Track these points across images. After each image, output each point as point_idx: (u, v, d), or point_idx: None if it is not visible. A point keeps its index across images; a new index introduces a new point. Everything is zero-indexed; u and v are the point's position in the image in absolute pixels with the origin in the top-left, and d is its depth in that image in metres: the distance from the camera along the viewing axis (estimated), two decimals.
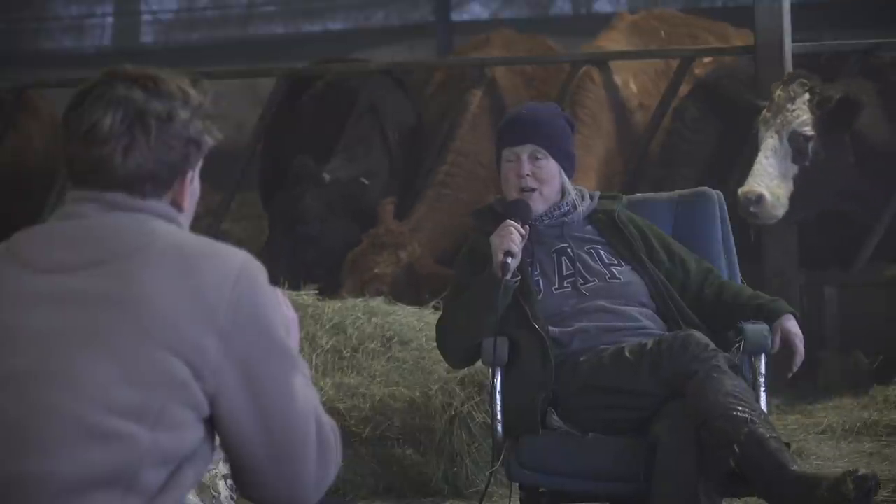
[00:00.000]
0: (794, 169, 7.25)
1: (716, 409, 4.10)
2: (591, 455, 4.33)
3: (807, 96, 7.27)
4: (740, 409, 4.08)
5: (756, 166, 7.20)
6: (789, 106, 7.26)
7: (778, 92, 7.30)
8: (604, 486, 4.37)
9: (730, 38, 8.85)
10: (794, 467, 4.05)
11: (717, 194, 4.94)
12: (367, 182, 8.43)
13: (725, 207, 4.93)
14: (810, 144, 7.25)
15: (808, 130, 7.24)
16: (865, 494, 3.95)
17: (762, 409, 4.24)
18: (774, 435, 4.09)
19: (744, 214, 7.10)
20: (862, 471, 3.99)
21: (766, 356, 4.46)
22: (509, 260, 4.42)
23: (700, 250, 4.78)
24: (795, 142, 7.23)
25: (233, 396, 2.46)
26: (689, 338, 4.28)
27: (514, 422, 4.43)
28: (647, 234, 4.69)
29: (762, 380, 4.44)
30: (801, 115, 7.24)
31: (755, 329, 4.45)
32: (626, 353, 4.33)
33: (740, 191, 7.11)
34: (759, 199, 7.11)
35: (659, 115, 8.21)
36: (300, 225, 8.27)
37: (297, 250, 8.11)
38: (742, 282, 4.82)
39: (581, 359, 4.41)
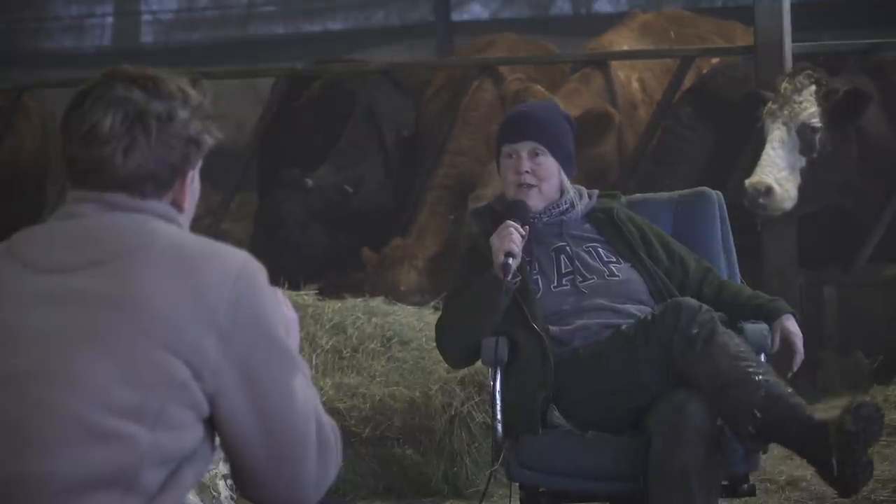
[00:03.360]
0: (801, 161, 7.23)
1: (728, 376, 4.12)
2: (591, 455, 4.33)
3: (813, 88, 7.26)
4: (750, 370, 4.11)
5: (764, 158, 7.18)
6: (796, 98, 7.24)
7: (784, 84, 7.28)
8: (604, 485, 4.37)
9: (737, 38, 8.85)
10: (817, 416, 4.09)
11: (716, 194, 4.94)
12: (350, 189, 8.44)
13: (725, 207, 4.93)
14: (818, 136, 7.24)
15: (817, 122, 7.23)
16: (867, 424, 3.99)
17: (767, 366, 4.23)
18: (788, 391, 4.11)
19: (752, 206, 7.09)
20: (858, 402, 4.03)
21: (766, 356, 4.46)
22: (510, 261, 4.41)
23: (700, 250, 4.79)
24: (804, 134, 7.22)
25: (233, 397, 2.46)
26: (679, 302, 4.32)
27: (514, 421, 4.43)
28: (646, 232, 4.70)
29: None
30: (809, 107, 7.23)
31: (755, 329, 4.46)
32: (623, 328, 4.35)
33: (748, 182, 7.10)
34: (769, 190, 7.09)
35: (659, 114, 8.22)
36: (280, 230, 8.28)
37: (277, 255, 8.10)
38: (742, 281, 4.82)
39: (581, 350, 4.42)
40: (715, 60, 8.64)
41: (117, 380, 2.40)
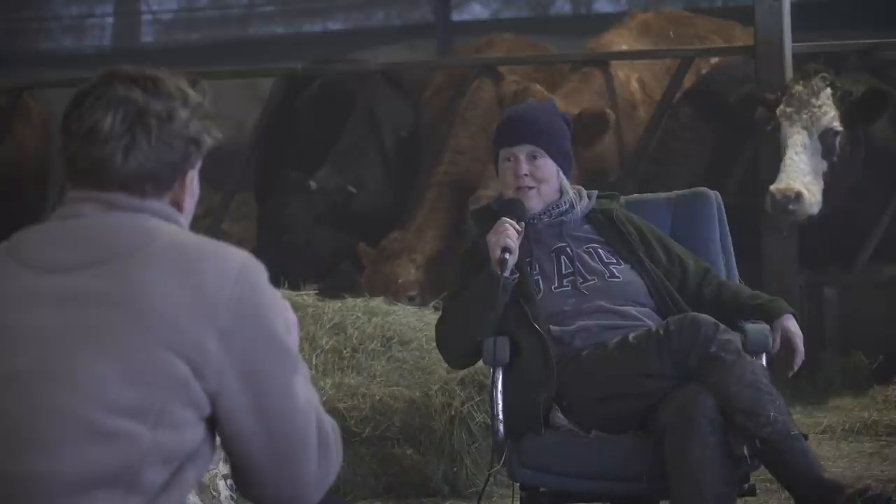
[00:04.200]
0: (823, 165, 7.22)
1: (738, 401, 4.13)
2: (594, 455, 4.33)
3: (829, 91, 7.24)
4: (763, 403, 4.12)
5: (787, 163, 7.14)
6: (814, 101, 7.21)
7: (797, 87, 7.26)
8: (607, 485, 4.38)
9: (737, 38, 8.85)
10: (820, 472, 4.13)
11: (714, 194, 4.94)
12: (354, 190, 8.43)
13: (723, 208, 4.93)
14: (838, 140, 7.23)
15: (838, 126, 7.22)
16: None
17: (781, 400, 4.23)
18: (795, 432, 4.13)
19: (778, 212, 7.06)
20: (872, 491, 4.04)
21: (768, 355, 4.46)
22: (507, 256, 4.42)
23: (698, 250, 4.78)
24: (826, 138, 7.20)
25: (233, 395, 2.46)
26: (697, 317, 4.30)
27: (516, 421, 4.42)
28: (645, 233, 4.70)
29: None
30: (830, 111, 7.20)
31: (757, 328, 4.45)
32: (631, 339, 4.33)
33: (774, 188, 7.06)
34: (798, 196, 7.05)
35: (659, 115, 8.21)
36: (285, 233, 8.28)
37: (283, 259, 8.10)
38: (740, 282, 4.82)
39: (584, 353, 4.41)
40: (714, 60, 8.64)
41: (118, 379, 2.40)
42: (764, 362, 4.44)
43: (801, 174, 7.11)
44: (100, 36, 14.44)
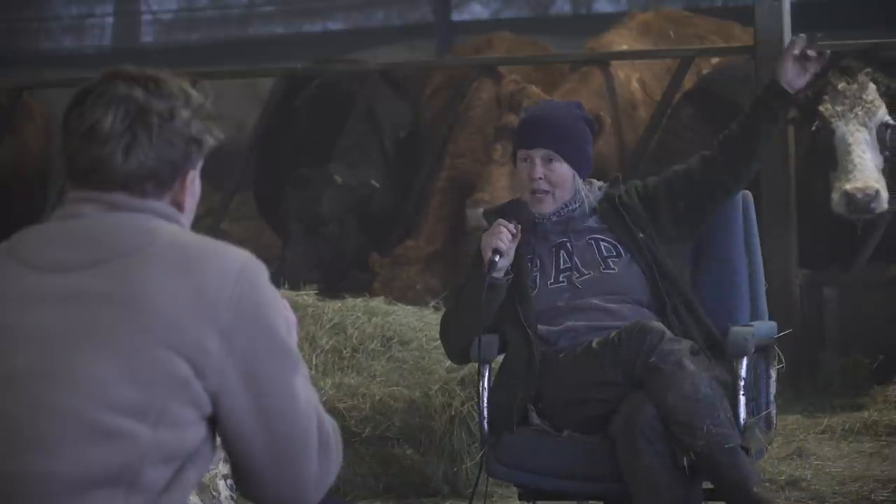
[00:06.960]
0: (880, 160, 7.22)
1: (675, 413, 4.16)
2: (564, 454, 4.40)
3: (873, 85, 7.23)
4: (698, 416, 4.14)
5: (857, 162, 7.09)
6: (864, 96, 7.19)
7: (842, 84, 7.23)
8: (575, 484, 4.42)
9: (736, 38, 8.85)
10: (751, 486, 4.13)
11: (744, 194, 4.87)
12: (377, 185, 8.44)
13: (752, 206, 4.87)
14: (888, 133, 7.22)
15: (890, 119, 7.21)
16: None
17: (723, 411, 4.23)
18: (731, 445, 4.14)
19: (858, 212, 7.02)
20: None
21: (748, 359, 4.45)
22: (497, 258, 4.45)
23: (718, 248, 4.76)
24: (881, 132, 7.19)
25: (234, 395, 2.46)
26: (646, 326, 4.31)
27: (496, 419, 4.48)
28: (639, 210, 4.68)
29: (741, 383, 4.42)
30: (881, 105, 7.20)
31: (738, 332, 4.46)
32: (594, 345, 4.37)
33: (854, 188, 7.00)
34: (877, 194, 7.04)
35: (659, 115, 8.22)
36: (321, 226, 8.28)
37: (316, 252, 8.14)
38: (765, 284, 4.81)
39: (561, 355, 4.45)
40: (714, 60, 8.64)
41: (119, 378, 2.40)
42: (743, 366, 4.44)
43: (874, 171, 7.09)
44: (100, 36, 14.44)
